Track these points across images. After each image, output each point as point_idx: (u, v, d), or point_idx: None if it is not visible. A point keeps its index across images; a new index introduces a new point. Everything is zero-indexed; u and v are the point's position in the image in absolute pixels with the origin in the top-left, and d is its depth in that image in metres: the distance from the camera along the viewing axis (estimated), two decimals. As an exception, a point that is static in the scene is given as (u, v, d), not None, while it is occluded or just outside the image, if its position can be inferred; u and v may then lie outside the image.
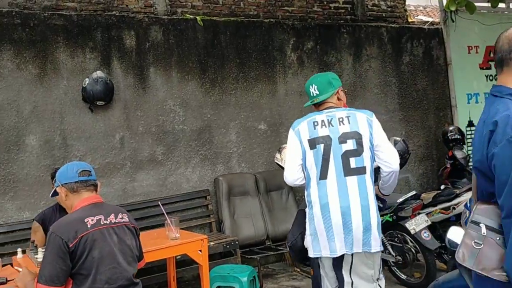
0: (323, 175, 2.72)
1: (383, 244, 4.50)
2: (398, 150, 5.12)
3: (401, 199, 4.26)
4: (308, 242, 2.84)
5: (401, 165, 5.21)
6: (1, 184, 4.48)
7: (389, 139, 5.28)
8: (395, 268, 4.56)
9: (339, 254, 2.71)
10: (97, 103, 4.77)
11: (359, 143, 2.74)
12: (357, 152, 2.73)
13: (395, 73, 6.61)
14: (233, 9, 5.89)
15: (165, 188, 5.21)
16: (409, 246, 4.38)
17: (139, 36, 5.14)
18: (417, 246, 4.27)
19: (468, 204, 2.76)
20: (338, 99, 2.97)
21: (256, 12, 6.03)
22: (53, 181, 2.69)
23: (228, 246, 4.71)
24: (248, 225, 5.22)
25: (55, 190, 2.65)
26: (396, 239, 4.57)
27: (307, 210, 2.86)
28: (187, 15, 5.48)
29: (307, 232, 2.83)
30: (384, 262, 4.63)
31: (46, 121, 4.69)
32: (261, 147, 5.67)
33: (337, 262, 2.76)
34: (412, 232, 4.18)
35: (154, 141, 5.18)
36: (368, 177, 2.76)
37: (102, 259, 2.40)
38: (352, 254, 2.71)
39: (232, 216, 5.22)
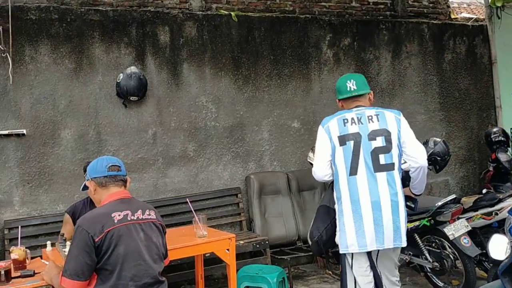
0: (353, 171, 2.80)
1: (420, 249, 4.31)
2: (438, 152, 4.95)
3: (440, 203, 4.05)
4: (337, 238, 2.92)
5: (441, 167, 5.02)
6: (36, 176, 4.56)
7: (428, 140, 5.09)
8: (432, 274, 4.36)
9: (369, 249, 2.79)
10: (131, 98, 4.78)
11: (388, 140, 2.82)
12: (386, 148, 2.82)
13: (436, 72, 6.35)
14: (268, 5, 5.80)
15: (196, 185, 5.18)
16: (447, 252, 4.17)
17: (173, 31, 5.13)
18: (456, 253, 4.05)
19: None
20: (369, 99, 3.07)
21: (292, 8, 5.91)
22: (85, 175, 2.72)
23: (258, 246, 4.62)
24: (279, 225, 5.12)
25: (85, 184, 2.64)
26: (433, 245, 4.37)
27: (336, 206, 2.91)
28: (222, 11, 5.43)
29: (337, 228, 2.91)
30: (421, 268, 4.44)
31: (81, 115, 4.75)
32: (294, 145, 5.56)
33: (369, 257, 2.88)
34: (451, 237, 3.97)
35: (186, 138, 5.15)
36: (397, 173, 2.84)
37: (127, 256, 2.36)
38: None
39: (263, 215, 5.14)
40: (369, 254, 2.86)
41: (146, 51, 5.01)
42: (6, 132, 4.40)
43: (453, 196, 4.16)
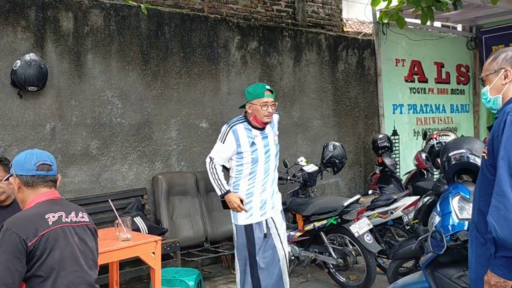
0: None
1: (325, 246, 4.58)
2: (336, 155, 5.29)
3: (346, 203, 4.35)
4: None
5: (339, 169, 5.38)
6: None
7: (328, 144, 5.41)
8: (334, 270, 4.66)
9: None
10: (29, 88, 4.30)
11: None
12: None
13: (330, 80, 6.79)
14: (177, 1, 5.67)
15: (99, 185, 4.85)
16: (350, 249, 4.49)
17: (77, 19, 4.73)
18: (359, 249, 4.39)
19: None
20: None
21: (200, 6, 5.86)
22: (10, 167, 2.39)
23: (168, 248, 4.49)
24: (187, 226, 5.02)
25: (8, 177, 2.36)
26: (335, 242, 4.67)
27: None
28: (130, 1, 5.16)
29: None
30: (324, 264, 4.72)
31: (-34, 105, 4.15)
32: (202, 146, 5.51)
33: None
34: (356, 235, 4.30)
35: (89, 134, 4.80)
36: None
37: (63, 261, 2.15)
38: None
39: (170, 216, 5.00)
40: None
41: (46, 37, 4.56)
42: None
43: (358, 196, 4.50)
